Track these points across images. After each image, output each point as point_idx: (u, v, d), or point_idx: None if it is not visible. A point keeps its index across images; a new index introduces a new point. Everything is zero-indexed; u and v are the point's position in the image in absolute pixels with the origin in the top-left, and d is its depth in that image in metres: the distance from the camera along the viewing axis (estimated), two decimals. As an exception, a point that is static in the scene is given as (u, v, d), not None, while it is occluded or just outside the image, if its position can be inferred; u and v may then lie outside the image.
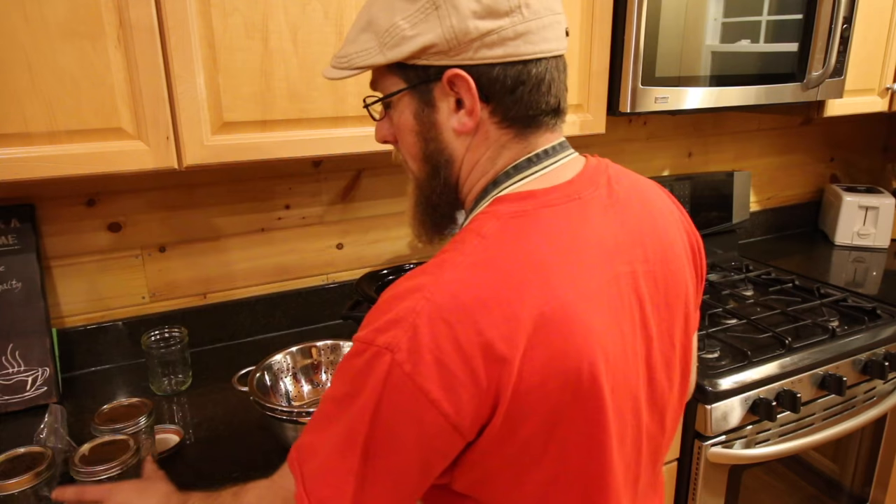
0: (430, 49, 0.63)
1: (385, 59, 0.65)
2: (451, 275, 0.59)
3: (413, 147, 0.71)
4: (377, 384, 0.57)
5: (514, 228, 0.62)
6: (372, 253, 1.63)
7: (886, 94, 1.83)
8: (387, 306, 0.60)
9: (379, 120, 0.75)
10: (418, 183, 0.75)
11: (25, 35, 0.90)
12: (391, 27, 0.64)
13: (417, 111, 0.68)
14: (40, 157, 0.95)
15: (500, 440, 0.60)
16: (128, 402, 1.01)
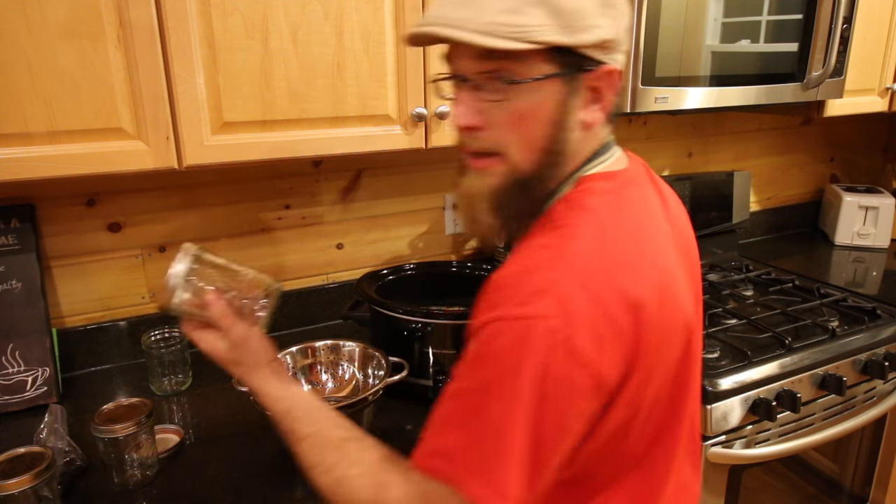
0: (605, 44, 0.65)
1: (568, 41, 0.62)
2: (578, 244, 0.63)
3: (537, 135, 0.66)
4: (535, 355, 0.58)
5: (612, 202, 0.68)
6: (372, 253, 1.63)
7: (886, 94, 1.83)
8: (518, 283, 0.62)
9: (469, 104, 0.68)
10: (516, 174, 0.69)
11: (25, 35, 0.90)
12: (578, 10, 0.62)
13: (562, 99, 0.66)
14: (40, 157, 0.95)
15: (628, 395, 0.65)
16: (128, 402, 1.01)
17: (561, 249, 0.63)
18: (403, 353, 1.17)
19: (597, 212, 0.66)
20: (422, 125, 1.23)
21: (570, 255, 0.62)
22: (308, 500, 0.97)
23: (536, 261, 0.63)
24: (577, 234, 0.64)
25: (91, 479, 1.00)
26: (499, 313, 0.61)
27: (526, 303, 0.60)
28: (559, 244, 0.64)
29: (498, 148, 0.67)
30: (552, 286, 0.60)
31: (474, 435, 0.61)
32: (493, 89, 0.65)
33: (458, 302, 1.39)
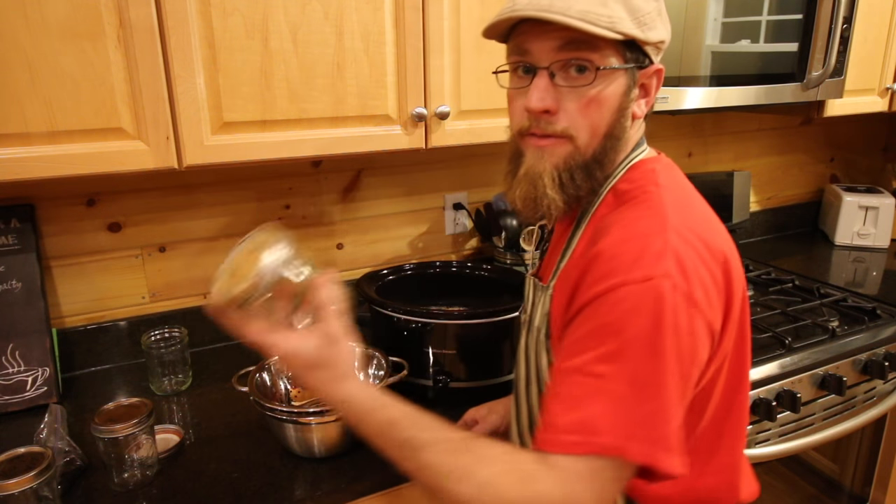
0: (661, 44, 0.74)
1: (642, 36, 0.70)
2: (670, 211, 0.70)
3: (602, 121, 0.73)
4: (668, 311, 0.62)
5: (673, 179, 0.77)
6: (372, 253, 1.63)
7: (886, 94, 1.83)
8: (633, 249, 0.66)
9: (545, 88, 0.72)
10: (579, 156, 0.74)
11: (25, 35, 0.90)
12: (646, 10, 0.70)
13: (626, 90, 0.73)
14: (40, 157, 0.95)
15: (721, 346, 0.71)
16: (128, 402, 1.01)
17: (659, 217, 0.69)
18: (403, 353, 1.17)
19: (668, 187, 0.74)
20: (422, 125, 1.23)
21: (668, 221, 0.68)
22: (308, 500, 0.97)
23: (642, 229, 0.68)
24: (664, 204, 0.71)
25: (91, 479, 1.00)
26: (621, 279, 0.64)
27: (649, 265, 0.64)
28: (654, 213, 0.70)
29: (568, 131, 0.72)
30: (665, 248, 0.65)
31: (625, 400, 0.61)
32: (568, 76, 0.71)
33: (458, 302, 1.39)
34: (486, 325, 1.19)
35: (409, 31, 1.17)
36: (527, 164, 0.76)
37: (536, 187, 0.75)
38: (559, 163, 0.74)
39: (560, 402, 0.64)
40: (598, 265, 0.67)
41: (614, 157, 0.76)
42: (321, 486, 0.99)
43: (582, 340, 0.65)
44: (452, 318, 1.17)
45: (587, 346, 0.64)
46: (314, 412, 1.00)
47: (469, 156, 1.68)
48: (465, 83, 1.24)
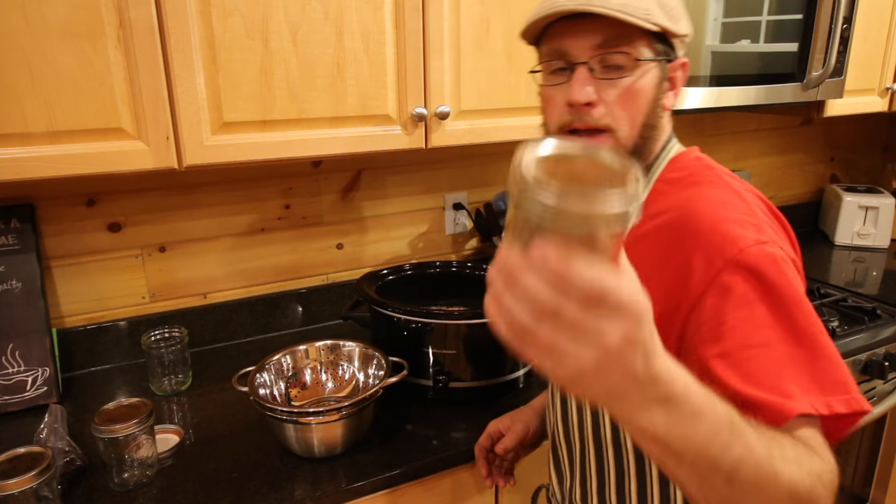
0: (685, 37, 0.76)
1: (673, 27, 0.72)
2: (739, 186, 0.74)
3: (639, 113, 0.75)
4: (785, 268, 0.65)
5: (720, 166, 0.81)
6: (372, 253, 1.63)
7: (886, 94, 1.83)
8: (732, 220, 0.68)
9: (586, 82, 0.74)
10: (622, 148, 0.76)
11: (25, 35, 0.90)
12: (673, 4, 0.73)
13: (658, 82, 0.75)
14: (40, 157, 0.95)
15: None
16: (128, 402, 1.01)
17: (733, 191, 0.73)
18: (403, 353, 1.17)
19: (722, 170, 0.78)
20: (422, 125, 1.23)
21: (742, 193, 0.72)
22: (308, 500, 0.97)
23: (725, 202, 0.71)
24: (729, 182, 0.75)
25: (91, 479, 1.00)
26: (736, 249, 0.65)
27: (752, 232, 0.66)
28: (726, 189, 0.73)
29: (609, 124, 0.74)
30: (756, 216, 0.69)
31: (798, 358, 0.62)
32: (606, 70, 0.73)
33: (458, 302, 1.39)
34: (485, 325, 1.19)
35: (409, 31, 1.17)
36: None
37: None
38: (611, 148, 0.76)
39: (750, 381, 0.61)
40: (701, 245, 0.67)
41: (652, 147, 0.78)
42: (321, 486, 0.99)
43: (727, 318, 0.64)
44: (452, 318, 1.17)
45: (735, 320, 0.63)
46: (314, 412, 1.00)
47: (469, 156, 1.68)
48: (465, 83, 1.24)
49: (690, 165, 0.79)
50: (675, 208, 0.73)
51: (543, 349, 0.40)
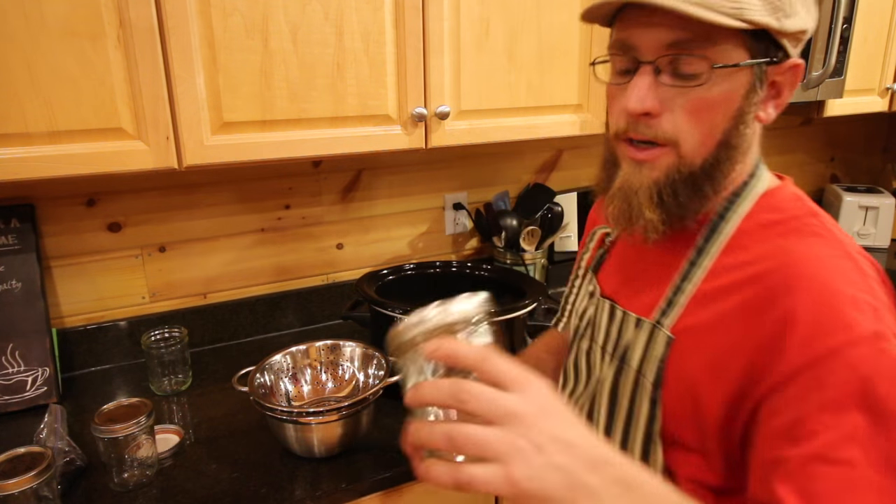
0: (801, 34, 0.61)
1: (777, 25, 0.58)
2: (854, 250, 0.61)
3: (715, 128, 0.61)
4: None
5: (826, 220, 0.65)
6: (372, 253, 1.63)
7: (886, 94, 1.83)
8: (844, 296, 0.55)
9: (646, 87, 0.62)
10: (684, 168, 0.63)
11: (25, 35, 0.90)
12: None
13: (749, 90, 0.61)
14: (40, 157, 0.95)
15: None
16: (128, 402, 1.01)
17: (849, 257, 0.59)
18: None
19: (829, 218, 0.65)
20: (422, 125, 1.23)
21: (859, 261, 0.59)
22: (308, 500, 0.97)
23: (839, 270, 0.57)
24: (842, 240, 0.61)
25: (91, 479, 1.00)
26: (844, 337, 0.53)
27: (870, 318, 0.54)
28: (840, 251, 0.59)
29: (672, 137, 0.62)
30: (877, 294, 0.57)
31: (885, 491, 0.51)
32: (676, 74, 0.60)
33: (458, 302, 1.39)
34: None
35: (409, 31, 1.17)
36: (622, 177, 0.66)
37: (631, 205, 0.65)
38: (660, 177, 0.63)
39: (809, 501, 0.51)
40: (802, 317, 0.54)
41: (728, 169, 0.64)
42: (321, 486, 0.99)
43: (810, 418, 0.52)
44: (452, 318, 1.17)
45: (819, 424, 0.52)
46: (314, 412, 1.00)
47: (469, 156, 1.68)
48: (465, 83, 1.24)
49: (790, 206, 0.65)
50: (771, 259, 0.60)
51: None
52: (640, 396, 0.68)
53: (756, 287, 0.59)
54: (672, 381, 0.65)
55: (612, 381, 0.72)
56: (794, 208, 0.65)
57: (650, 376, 0.66)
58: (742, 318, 0.59)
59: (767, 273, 0.59)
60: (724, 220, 0.66)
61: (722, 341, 0.60)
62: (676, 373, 0.64)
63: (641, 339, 0.68)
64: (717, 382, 0.60)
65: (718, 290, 0.63)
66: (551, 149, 1.79)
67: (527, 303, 1.23)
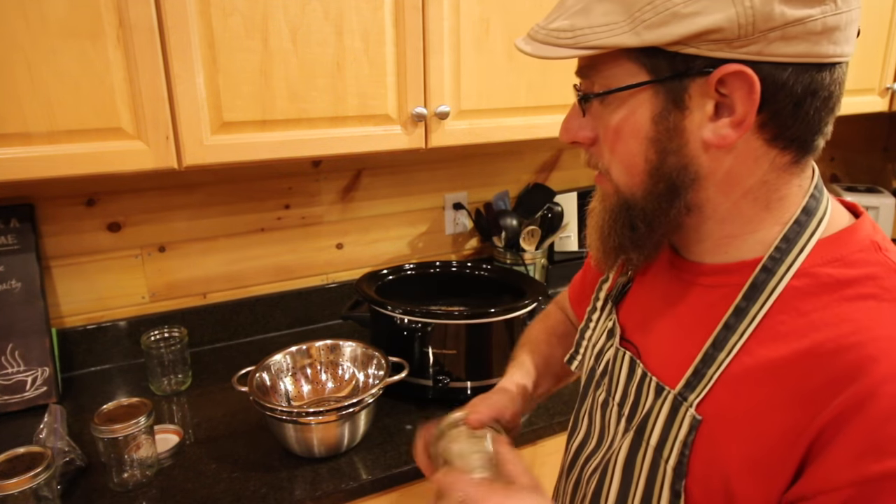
0: (710, 34, 0.47)
1: (638, 42, 0.49)
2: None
3: (635, 156, 0.54)
4: None
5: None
6: (372, 253, 1.63)
7: (886, 94, 1.83)
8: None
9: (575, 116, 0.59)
10: (629, 201, 0.57)
11: (25, 35, 0.90)
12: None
13: (658, 113, 0.52)
14: (40, 157, 0.95)
15: None
16: (128, 402, 1.01)
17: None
18: (403, 353, 1.17)
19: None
20: (422, 125, 1.23)
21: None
22: (308, 500, 0.97)
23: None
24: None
25: (91, 479, 1.00)
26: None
27: None
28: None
29: (603, 166, 0.58)
30: None
31: None
32: (588, 102, 0.57)
33: (458, 302, 1.39)
34: (486, 325, 1.19)
35: (409, 31, 1.17)
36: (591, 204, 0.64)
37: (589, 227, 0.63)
38: (603, 205, 0.60)
39: None
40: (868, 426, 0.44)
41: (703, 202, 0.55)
42: (321, 486, 0.99)
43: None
44: (452, 318, 1.17)
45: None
46: (314, 412, 1.00)
47: (469, 156, 1.68)
48: (465, 83, 1.24)
49: (865, 259, 0.51)
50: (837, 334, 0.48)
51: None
52: (660, 483, 0.58)
53: (815, 370, 0.48)
54: (699, 471, 0.54)
55: (626, 455, 0.62)
56: (871, 262, 0.51)
57: (672, 461, 0.56)
58: (794, 406, 0.48)
59: (832, 354, 0.47)
60: (770, 273, 0.53)
61: (767, 432, 0.50)
62: (705, 463, 0.54)
63: (662, 413, 0.58)
64: (760, 482, 0.50)
65: (764, 366, 0.51)
66: (551, 149, 1.79)
67: (527, 303, 1.23)
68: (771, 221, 0.54)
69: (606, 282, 0.75)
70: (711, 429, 0.53)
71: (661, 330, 0.63)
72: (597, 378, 0.71)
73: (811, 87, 0.49)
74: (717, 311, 0.56)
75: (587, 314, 0.77)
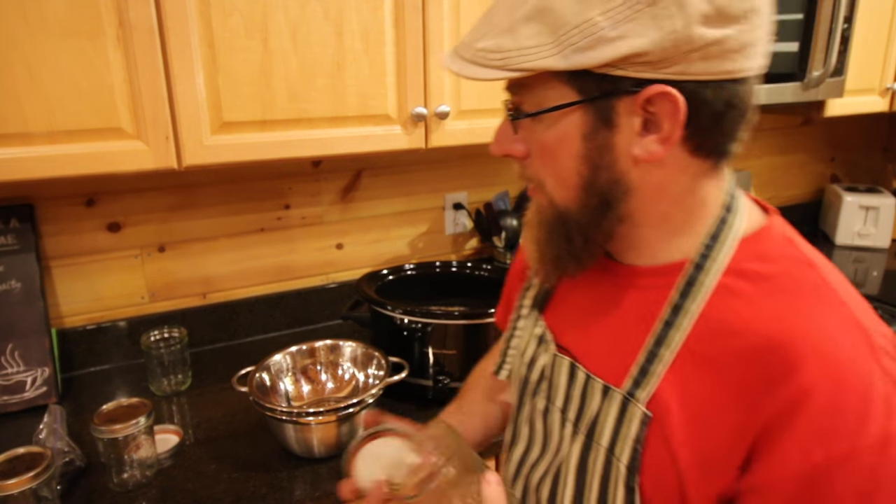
0: (636, 57, 0.49)
1: (566, 65, 0.50)
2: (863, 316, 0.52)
3: (568, 172, 0.56)
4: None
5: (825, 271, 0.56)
6: (372, 253, 1.63)
7: (887, 94, 1.83)
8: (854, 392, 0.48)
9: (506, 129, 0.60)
10: (563, 214, 0.59)
11: (25, 35, 0.90)
12: (584, 23, 0.49)
13: (589, 131, 0.53)
14: (40, 157, 0.95)
15: None
16: (127, 402, 1.01)
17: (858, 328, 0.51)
18: (403, 353, 1.17)
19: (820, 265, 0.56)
20: (422, 125, 1.23)
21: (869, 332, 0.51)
22: (308, 500, 0.97)
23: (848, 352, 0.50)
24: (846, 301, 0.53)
25: (90, 480, 1.00)
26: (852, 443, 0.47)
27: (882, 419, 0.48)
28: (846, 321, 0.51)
29: (539, 180, 0.59)
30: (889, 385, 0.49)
31: None
32: (518, 119, 0.58)
33: (458, 302, 1.39)
34: (486, 325, 1.19)
35: (409, 31, 1.17)
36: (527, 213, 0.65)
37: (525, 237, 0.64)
38: (537, 216, 0.62)
39: None
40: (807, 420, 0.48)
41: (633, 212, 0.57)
42: (321, 486, 0.99)
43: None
44: (452, 318, 1.17)
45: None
46: (314, 412, 1.00)
47: (469, 156, 1.68)
48: (465, 83, 1.24)
49: (781, 254, 0.56)
50: (766, 330, 0.51)
51: None
52: (614, 481, 0.59)
53: (753, 363, 0.51)
54: (651, 466, 0.56)
55: (578, 458, 0.63)
56: (786, 256, 0.56)
57: (624, 459, 0.58)
58: (737, 401, 0.51)
59: (765, 350, 0.51)
60: (701, 270, 0.57)
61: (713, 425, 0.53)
62: (657, 457, 0.56)
63: (611, 414, 0.59)
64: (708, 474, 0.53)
65: (706, 360, 0.55)
66: (551, 149, 1.79)
67: (527, 303, 1.23)
68: (697, 223, 0.58)
69: (530, 289, 0.75)
70: (661, 424, 0.56)
71: (598, 333, 0.64)
72: (532, 387, 0.71)
73: (730, 101, 0.52)
74: (654, 310, 0.59)
75: (511, 322, 0.77)
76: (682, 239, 0.58)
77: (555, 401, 0.67)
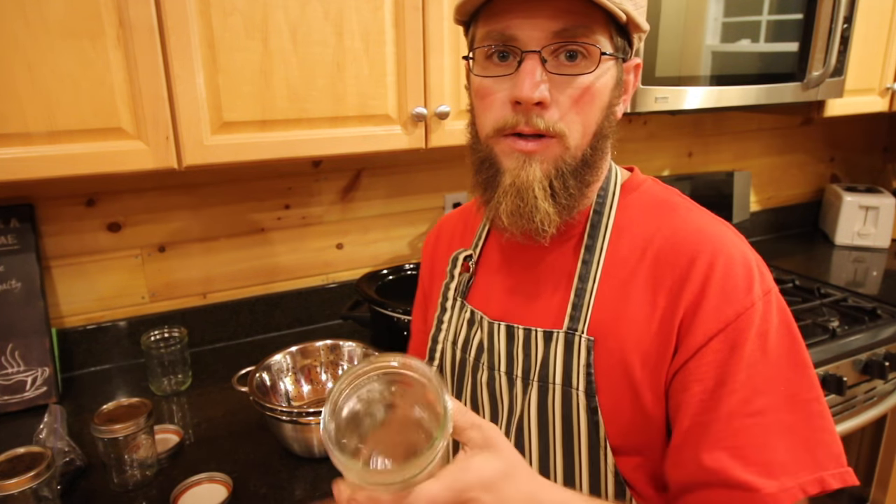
0: (644, 32, 0.65)
1: (639, 18, 0.61)
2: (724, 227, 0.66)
3: (593, 118, 0.63)
4: (790, 321, 0.62)
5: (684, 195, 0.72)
6: (372, 253, 1.63)
7: (887, 94, 1.83)
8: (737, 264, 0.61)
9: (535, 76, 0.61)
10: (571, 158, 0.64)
11: (25, 35, 0.90)
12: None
13: (615, 83, 0.64)
14: (40, 157, 0.95)
15: None
16: (127, 402, 1.01)
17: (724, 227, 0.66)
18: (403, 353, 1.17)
19: (676, 192, 0.72)
20: (422, 125, 1.23)
21: (735, 230, 0.66)
22: (308, 500, 0.97)
23: (726, 242, 0.63)
24: (704, 211, 0.68)
25: (91, 480, 1.00)
26: (745, 301, 0.59)
27: (759, 279, 0.61)
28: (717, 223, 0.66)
29: (560, 129, 0.61)
30: (752, 256, 0.63)
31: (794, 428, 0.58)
32: (560, 63, 0.60)
33: (458, 302, 1.39)
34: (486, 325, 1.19)
35: (409, 31, 1.17)
36: (512, 173, 0.64)
37: (526, 200, 0.63)
38: (550, 169, 0.63)
39: (738, 455, 0.57)
40: (711, 290, 0.60)
41: (603, 163, 0.68)
42: (321, 486, 0.99)
43: (729, 378, 0.58)
44: (452, 318, 1.17)
45: (735, 383, 0.58)
46: (314, 412, 1.00)
47: (469, 156, 1.68)
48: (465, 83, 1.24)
49: (654, 190, 0.72)
50: (662, 239, 0.65)
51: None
52: (576, 410, 0.65)
53: (658, 269, 0.63)
54: (606, 384, 0.64)
55: (537, 405, 0.67)
56: (657, 191, 0.71)
57: (581, 386, 0.64)
58: (655, 300, 0.63)
59: (665, 253, 0.63)
60: (600, 214, 0.69)
61: (645, 328, 0.63)
62: (608, 374, 0.64)
63: (559, 353, 0.66)
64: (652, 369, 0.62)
65: (622, 280, 0.65)
66: (551, 149, 1.79)
67: (527, 303, 1.23)
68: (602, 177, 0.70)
69: (452, 282, 0.81)
70: (603, 343, 0.64)
71: (526, 295, 0.72)
72: (471, 364, 0.75)
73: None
74: (572, 257, 0.69)
75: (436, 319, 0.81)
76: (591, 188, 0.69)
77: (498, 367, 0.72)
